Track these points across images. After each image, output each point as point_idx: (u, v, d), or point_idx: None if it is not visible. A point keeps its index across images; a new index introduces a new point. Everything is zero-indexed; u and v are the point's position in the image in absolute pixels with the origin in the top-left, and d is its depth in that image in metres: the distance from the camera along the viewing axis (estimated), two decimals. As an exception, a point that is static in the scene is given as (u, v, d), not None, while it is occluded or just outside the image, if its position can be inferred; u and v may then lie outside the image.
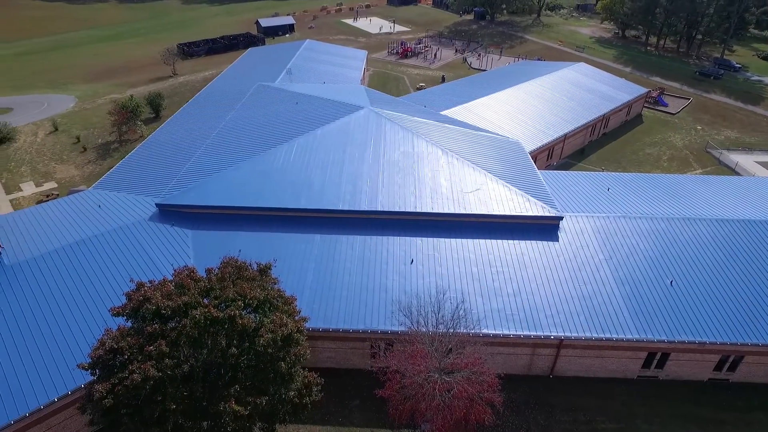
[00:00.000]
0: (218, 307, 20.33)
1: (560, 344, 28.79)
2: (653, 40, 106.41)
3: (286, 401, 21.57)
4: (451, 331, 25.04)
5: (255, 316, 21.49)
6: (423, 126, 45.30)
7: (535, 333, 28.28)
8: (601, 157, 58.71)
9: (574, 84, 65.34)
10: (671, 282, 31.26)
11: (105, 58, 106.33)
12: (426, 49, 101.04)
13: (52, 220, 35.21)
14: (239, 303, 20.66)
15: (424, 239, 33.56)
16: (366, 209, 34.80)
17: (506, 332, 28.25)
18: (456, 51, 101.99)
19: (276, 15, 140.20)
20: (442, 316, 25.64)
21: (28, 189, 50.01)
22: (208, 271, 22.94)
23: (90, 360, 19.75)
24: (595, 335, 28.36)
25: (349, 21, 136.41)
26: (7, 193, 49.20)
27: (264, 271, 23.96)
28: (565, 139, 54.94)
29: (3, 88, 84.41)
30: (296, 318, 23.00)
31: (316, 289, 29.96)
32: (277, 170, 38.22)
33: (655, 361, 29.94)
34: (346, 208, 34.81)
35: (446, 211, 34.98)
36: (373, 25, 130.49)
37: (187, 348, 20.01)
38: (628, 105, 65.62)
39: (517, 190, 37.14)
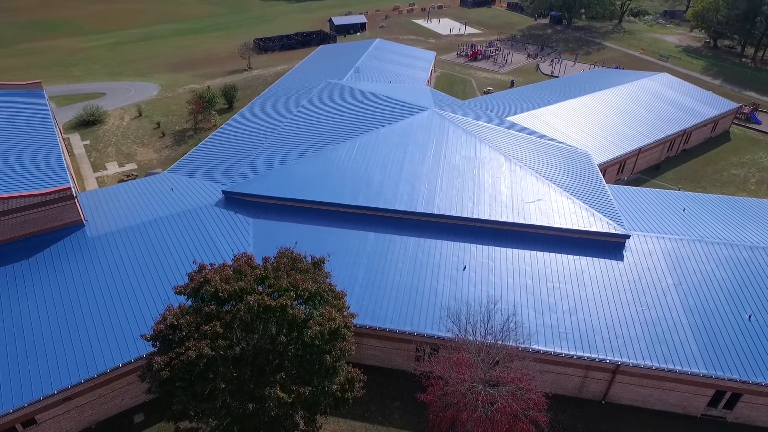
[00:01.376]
0: (271, 296, 20.98)
1: (616, 369, 27.20)
2: (750, 51, 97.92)
3: (328, 394, 21.91)
4: (500, 342, 24.36)
5: (305, 308, 22.00)
6: (487, 131, 44.40)
7: (589, 354, 26.91)
8: (679, 174, 54.81)
9: (654, 95, 61.43)
10: (750, 317, 28.62)
11: (187, 50, 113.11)
12: (496, 52, 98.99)
13: (130, 198, 37.95)
14: (291, 293, 21.21)
15: (479, 246, 32.89)
16: (422, 211, 34.63)
17: (558, 350, 27.09)
18: (528, 55, 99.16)
19: (349, 13, 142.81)
20: (491, 327, 25.01)
21: (112, 168, 54.19)
22: (265, 259, 23.76)
23: (152, 333, 21.05)
24: (656, 364, 26.53)
25: (421, 21, 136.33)
26: (94, 170, 53.58)
27: (317, 264, 24.46)
28: (639, 154, 51.82)
29: (99, 74, 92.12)
30: (345, 313, 23.28)
31: (366, 286, 30.21)
32: (337, 166, 38.92)
33: (723, 401, 27.55)
34: (402, 208, 34.83)
35: (504, 219, 34.08)
36: (443, 26, 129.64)
37: (239, 331, 20.82)
38: (714, 120, 60.78)
39: (582, 204, 35.50)
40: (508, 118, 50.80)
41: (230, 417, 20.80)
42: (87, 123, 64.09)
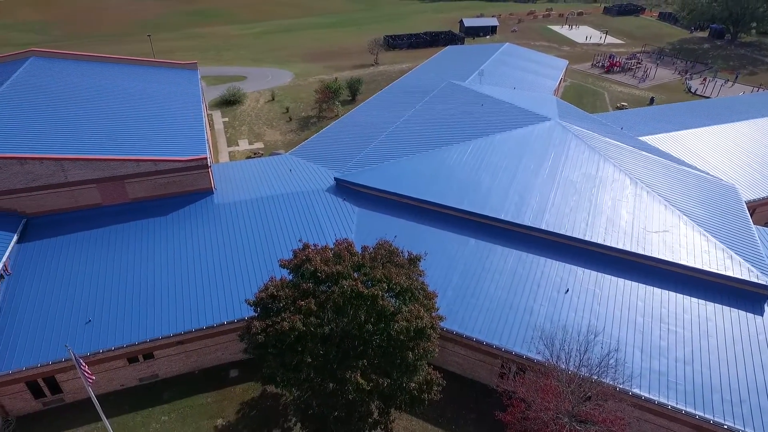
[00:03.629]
0: (365, 284, 21.54)
1: (734, 438, 23.49)
2: None
3: (405, 390, 21.96)
4: (595, 377, 22.41)
5: (395, 302, 22.23)
6: (614, 149, 40.91)
7: (703, 414, 23.57)
8: None
9: (834, 129, 51.65)
10: None
11: (322, 43, 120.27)
12: (638, 65, 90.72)
13: (254, 174, 41.53)
14: (384, 285, 21.57)
15: (586, 271, 30.50)
16: (529, 224, 33.04)
17: (664, 401, 24.14)
18: (676, 72, 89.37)
19: (481, 16, 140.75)
20: (588, 359, 23.08)
21: (243, 145, 59.68)
22: (364, 248, 24.46)
23: (255, 299, 22.81)
24: (788, 444, 22.42)
25: (556, 27, 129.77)
26: (228, 145, 59.49)
27: (413, 261, 24.57)
28: (803, 195, 44.02)
29: (244, 60, 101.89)
30: (433, 314, 23.12)
31: (459, 291, 29.68)
32: (447, 167, 38.67)
33: None
34: (508, 218, 33.55)
35: (621, 246, 31.17)
36: (580, 33, 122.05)
37: (331, 312, 21.71)
38: None
39: (718, 243, 31.15)
40: (641, 138, 46.33)
41: (311, 391, 21.84)
42: (228, 102, 71.35)
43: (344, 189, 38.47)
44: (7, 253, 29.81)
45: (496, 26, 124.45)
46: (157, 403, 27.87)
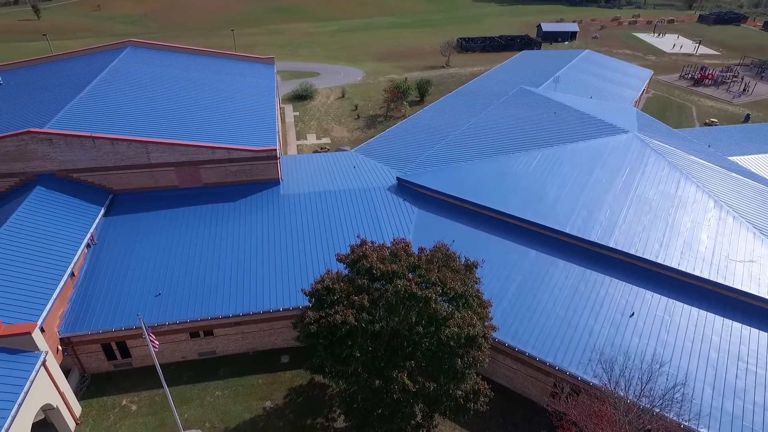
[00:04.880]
0: (419, 285, 21.44)
1: (816, 499, 21.07)
2: None
3: (451, 397, 21.64)
4: (657, 410, 20.91)
5: (448, 306, 21.96)
6: (698, 168, 37.97)
7: (778, 466, 21.33)
8: None
9: None
10: None
11: (395, 42, 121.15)
12: (733, 78, 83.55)
13: (319, 168, 42.64)
14: (438, 288, 21.36)
15: (656, 296, 28.53)
16: (595, 241, 31.40)
17: (734, 446, 22.09)
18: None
19: (561, 21, 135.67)
20: (650, 389, 21.58)
21: (311, 139, 61.43)
22: (421, 249, 24.36)
23: (310, 289, 23.41)
24: None
25: (642, 35, 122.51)
26: (297, 139, 61.48)
27: (470, 267, 24.14)
28: None
29: (318, 56, 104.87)
30: (486, 323, 22.61)
31: (515, 303, 28.80)
32: (513, 175, 37.64)
33: None
34: (573, 233, 32.09)
35: (698, 273, 28.86)
36: (668, 42, 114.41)
37: (382, 310, 21.82)
38: None
39: (815, 280, 28.00)
40: (730, 158, 42.66)
41: (357, 385, 22.08)
42: (300, 97, 73.73)
43: (405, 189, 38.54)
44: (95, 224, 32.64)
45: (576, 32, 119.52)
46: (213, 378, 29.37)
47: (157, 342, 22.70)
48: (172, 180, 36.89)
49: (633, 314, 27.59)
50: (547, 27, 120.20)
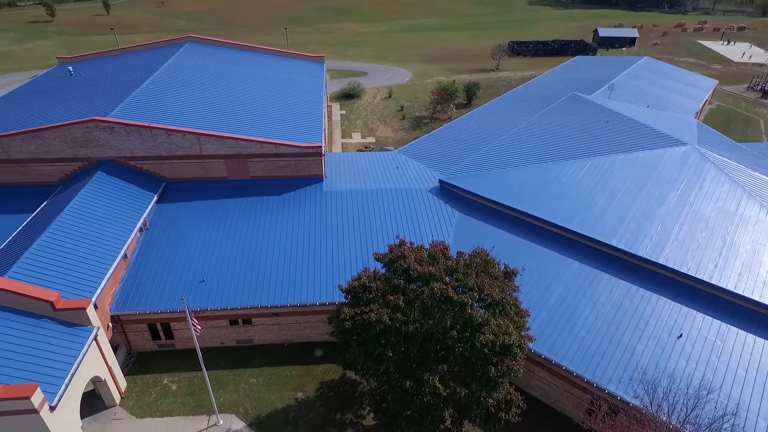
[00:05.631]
0: (455, 289, 21.25)
1: None
2: None
3: (483, 405, 21.33)
4: (702, 439, 19.81)
5: (484, 313, 21.65)
6: (763, 185, 35.65)
7: None
8: None
9: None
10: None
11: (444, 44, 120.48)
12: (808, 92, 77.83)
13: (362, 166, 43.03)
14: (475, 294, 21.10)
15: (708, 318, 27.00)
16: (644, 256, 30.06)
17: (787, 485, 20.60)
18: None
19: (619, 26, 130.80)
20: (696, 416, 20.46)
21: (356, 138, 62.05)
22: (459, 254, 24.12)
23: (347, 286, 23.66)
24: None
25: (708, 43, 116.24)
26: (342, 137, 62.27)
27: (509, 274, 23.70)
28: None
29: (367, 56, 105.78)
30: (522, 333, 22.13)
31: (554, 315, 28.02)
32: (559, 183, 36.62)
33: None
34: (620, 246, 30.84)
35: (757, 298, 27.08)
36: (736, 50, 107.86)
37: (417, 312, 21.76)
38: None
39: None
40: (800, 176, 39.73)
41: (388, 385, 22.14)
42: (347, 96, 74.61)
43: (447, 192, 38.27)
44: (147, 210, 34.32)
45: (635, 38, 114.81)
46: (249, 365, 30.24)
47: (199, 326, 23.62)
48: (221, 171, 38.24)
49: (681, 336, 26.23)
50: (604, 32, 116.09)
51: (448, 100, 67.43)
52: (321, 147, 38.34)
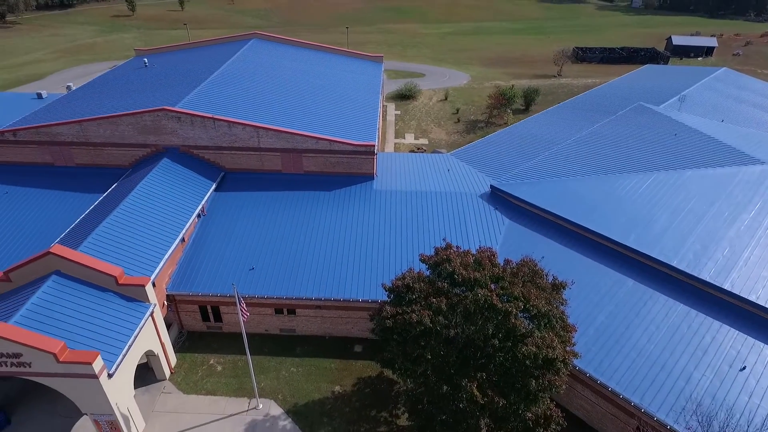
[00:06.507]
0: (500, 297, 20.86)
1: None
2: None
3: (520, 418, 20.82)
4: (760, 482, 18.35)
5: (528, 324, 21.11)
6: None
7: None
8: None
9: None
10: None
11: (505, 48, 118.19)
12: None
13: (413, 167, 43.02)
14: (520, 304, 20.63)
15: (776, 352, 24.94)
16: (707, 280, 28.17)
17: None
18: None
19: (696, 34, 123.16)
20: (755, 457, 19.00)
21: (409, 139, 62.14)
22: (506, 261, 23.64)
23: (391, 285, 23.78)
24: None
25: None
26: (395, 137, 62.56)
27: (557, 287, 22.99)
28: None
29: (425, 58, 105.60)
30: (567, 348, 21.39)
31: (602, 332, 26.84)
32: (617, 197, 35.03)
33: None
34: (681, 268, 29.06)
35: (833, 334, 24.76)
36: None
37: (459, 317, 21.54)
38: None
39: None
40: None
41: (425, 387, 22.06)
42: (403, 96, 74.82)
43: (498, 198, 37.56)
44: (206, 197, 36.00)
45: (713, 47, 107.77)
46: (290, 354, 31.05)
47: (247, 312, 24.52)
48: (276, 164, 39.47)
49: (744, 368, 24.40)
50: (678, 40, 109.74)
51: (505, 104, 66.14)
52: (374, 146, 38.71)
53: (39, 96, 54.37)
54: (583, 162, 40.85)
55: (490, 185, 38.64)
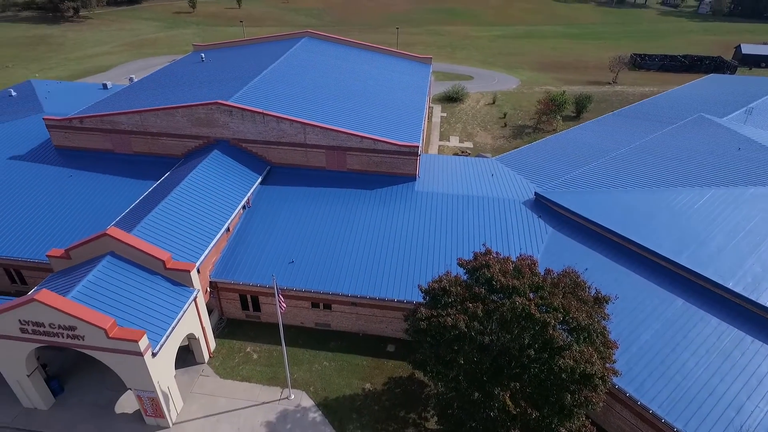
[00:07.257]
0: (539, 307, 20.36)
1: None
2: None
3: (552, 433, 20.26)
4: None
5: (567, 336, 20.50)
6: None
7: None
8: None
9: None
10: None
11: (558, 53, 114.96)
12: None
13: (456, 170, 42.67)
14: (559, 315, 20.06)
15: (841, 388, 23.05)
16: (765, 305, 26.42)
17: None
18: None
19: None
20: (810, 499, 17.64)
21: (453, 142, 61.61)
22: (547, 271, 23.06)
23: (427, 287, 23.69)
24: None
25: None
26: (440, 140, 62.16)
27: (599, 301, 22.20)
28: None
29: (474, 60, 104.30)
30: (607, 365, 20.61)
31: (646, 352, 25.66)
32: (670, 211, 33.39)
33: None
34: (737, 290, 27.34)
35: None
36: None
37: (495, 324, 21.18)
38: None
39: None
40: None
41: (456, 392, 21.83)
42: (450, 99, 74.24)
43: (543, 206, 36.64)
44: (252, 190, 37.09)
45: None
46: (324, 348, 31.52)
47: (284, 303, 25.10)
48: (321, 161, 40.15)
49: (802, 402, 22.71)
50: (748, 49, 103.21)
51: (555, 111, 64.36)
52: (418, 147, 38.66)
53: (104, 86, 57.82)
54: (635, 173, 39.22)
55: (535, 192, 37.75)
